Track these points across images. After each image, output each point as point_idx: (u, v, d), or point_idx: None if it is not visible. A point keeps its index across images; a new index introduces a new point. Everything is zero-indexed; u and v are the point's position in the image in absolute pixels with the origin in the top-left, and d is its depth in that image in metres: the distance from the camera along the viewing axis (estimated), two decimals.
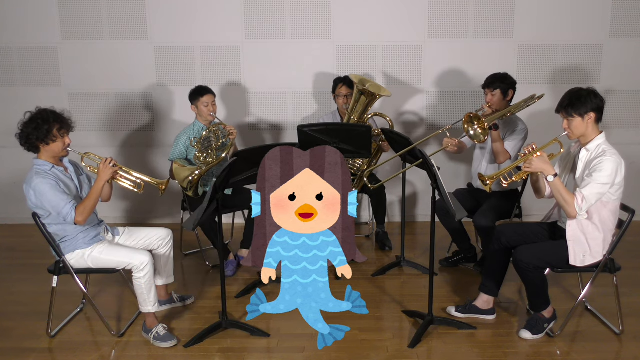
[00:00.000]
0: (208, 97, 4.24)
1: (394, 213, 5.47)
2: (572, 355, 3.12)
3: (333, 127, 4.03)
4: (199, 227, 3.89)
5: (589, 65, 5.15)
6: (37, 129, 3.10)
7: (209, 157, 4.08)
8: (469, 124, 3.74)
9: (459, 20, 5.08)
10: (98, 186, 3.19)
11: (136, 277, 3.24)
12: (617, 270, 3.23)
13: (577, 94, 3.11)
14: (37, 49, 5.17)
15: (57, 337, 3.38)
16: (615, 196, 3.10)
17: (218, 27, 5.12)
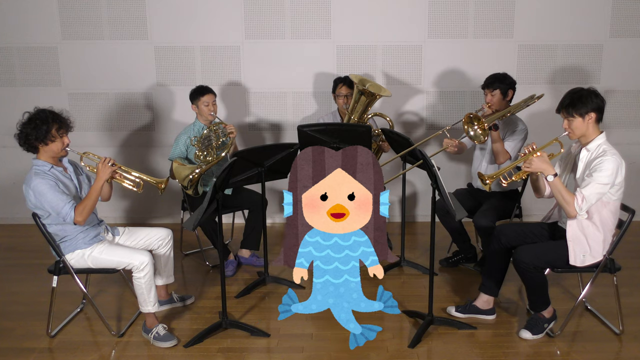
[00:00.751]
0: (209, 96, 4.24)
1: (394, 213, 5.47)
2: (572, 355, 3.12)
3: (333, 127, 4.03)
4: (199, 227, 3.89)
5: (589, 65, 5.15)
6: (36, 129, 3.10)
7: (209, 155, 4.08)
8: (469, 125, 3.74)
9: (459, 20, 5.08)
10: (97, 186, 3.19)
11: (136, 277, 3.24)
12: (617, 270, 3.23)
13: (578, 93, 3.11)
14: (37, 49, 5.18)
15: (57, 337, 3.38)
16: (615, 196, 3.10)
17: (218, 27, 5.12)
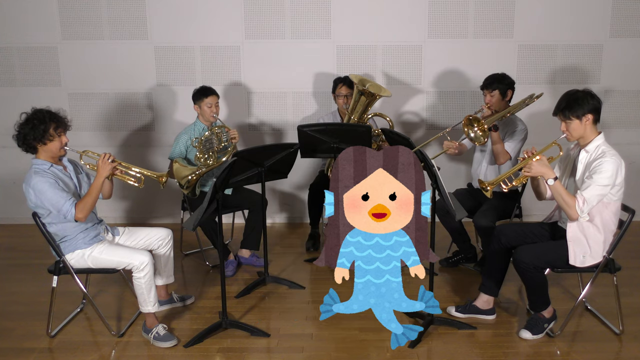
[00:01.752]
0: (212, 98, 4.24)
1: None
2: (572, 355, 3.12)
3: (333, 127, 4.04)
4: (199, 227, 3.89)
5: (589, 65, 5.15)
6: (34, 129, 3.10)
7: (210, 159, 4.08)
8: (469, 127, 3.74)
9: (459, 20, 5.08)
10: (98, 182, 3.19)
11: (136, 277, 3.24)
12: (617, 270, 3.23)
13: (574, 96, 3.11)
14: (37, 49, 5.17)
15: (57, 337, 3.38)
16: (616, 197, 3.10)
17: (218, 27, 5.12)
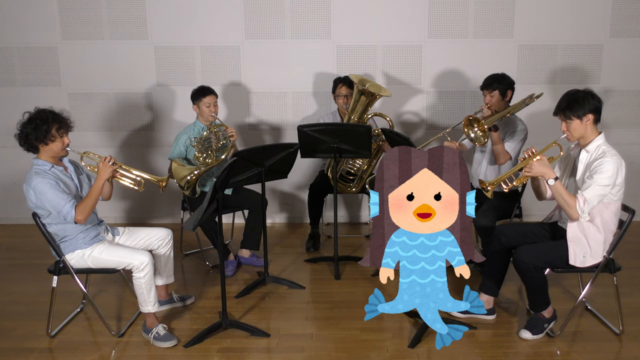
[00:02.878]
0: (210, 97, 4.24)
1: None
2: (572, 355, 3.12)
3: (333, 127, 4.04)
4: (199, 227, 3.88)
5: (589, 65, 5.15)
6: (36, 129, 3.10)
7: (209, 157, 4.08)
8: (469, 127, 3.74)
9: (459, 20, 5.08)
10: (98, 185, 3.19)
11: (136, 277, 3.24)
12: (617, 270, 3.23)
13: (574, 96, 3.11)
14: (37, 49, 5.17)
15: (57, 337, 3.38)
16: (616, 197, 3.10)
17: (218, 27, 5.12)
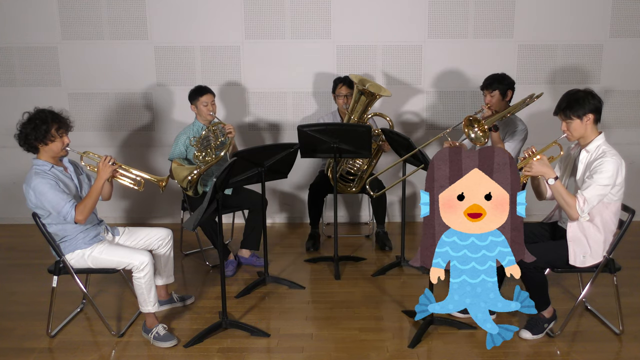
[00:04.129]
0: (207, 96, 4.24)
1: (394, 213, 5.47)
2: (572, 355, 3.12)
3: (333, 127, 4.04)
4: (199, 227, 3.89)
5: (589, 65, 5.15)
6: (36, 130, 3.10)
7: (208, 156, 4.08)
8: (469, 127, 3.74)
9: (459, 20, 5.08)
10: (98, 185, 3.19)
11: (136, 277, 3.24)
12: (617, 270, 3.23)
13: (575, 95, 3.11)
14: (37, 49, 5.17)
15: (57, 337, 3.38)
16: (616, 197, 3.10)
17: (218, 27, 5.12)
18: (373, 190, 4.38)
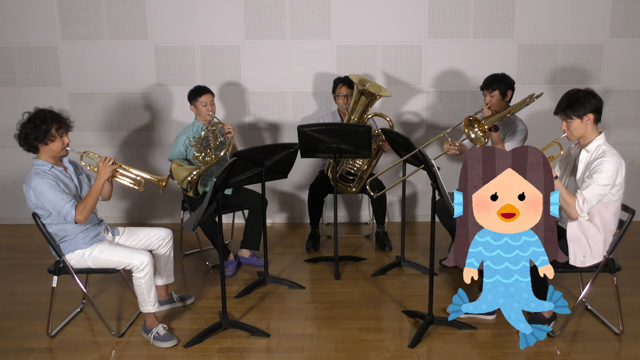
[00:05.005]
0: (206, 96, 4.24)
1: (394, 213, 5.47)
2: (572, 355, 3.12)
3: (333, 127, 4.04)
4: (199, 227, 3.89)
5: (589, 65, 5.15)
6: (36, 129, 3.10)
7: (208, 156, 4.08)
8: (469, 128, 3.74)
9: (459, 20, 5.08)
10: (98, 185, 3.20)
11: (136, 277, 3.24)
12: (617, 270, 3.23)
13: (575, 95, 3.11)
14: (37, 49, 5.18)
15: (57, 337, 3.38)
16: (616, 197, 3.10)
17: (218, 27, 5.12)
18: (373, 190, 4.38)
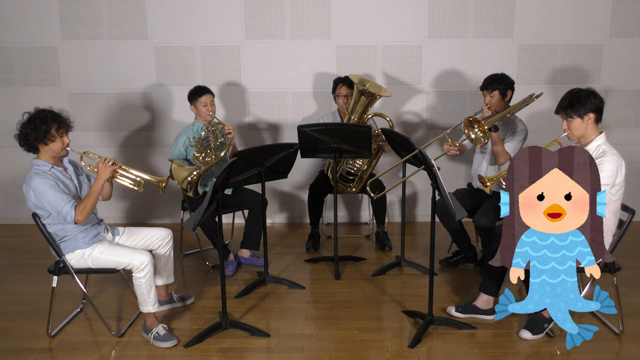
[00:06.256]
0: (206, 97, 4.24)
1: (394, 213, 5.47)
2: (572, 355, 3.12)
3: (333, 127, 4.04)
4: (199, 227, 3.89)
5: (589, 65, 5.15)
6: (36, 130, 3.10)
7: (208, 156, 4.08)
8: (469, 128, 3.74)
9: (459, 20, 5.08)
10: (98, 185, 3.20)
11: (136, 277, 3.24)
12: (617, 270, 3.23)
13: (577, 94, 3.11)
14: (37, 49, 5.18)
15: (57, 337, 3.38)
16: (615, 197, 3.10)
17: (218, 27, 5.12)
18: (374, 191, 4.38)
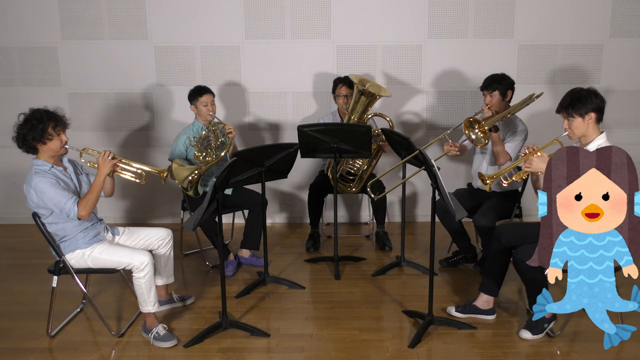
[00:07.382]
0: (207, 96, 4.24)
1: (394, 213, 5.47)
2: (572, 355, 3.12)
3: (333, 127, 4.04)
4: (199, 227, 3.88)
5: (589, 65, 5.15)
6: (33, 130, 3.10)
7: (208, 156, 4.08)
8: (470, 129, 3.74)
9: (459, 20, 5.08)
10: (99, 180, 3.20)
11: (136, 277, 3.24)
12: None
13: (578, 94, 3.11)
14: (37, 49, 5.18)
15: (57, 337, 3.38)
16: None
17: (218, 27, 5.12)
18: (374, 192, 4.38)
